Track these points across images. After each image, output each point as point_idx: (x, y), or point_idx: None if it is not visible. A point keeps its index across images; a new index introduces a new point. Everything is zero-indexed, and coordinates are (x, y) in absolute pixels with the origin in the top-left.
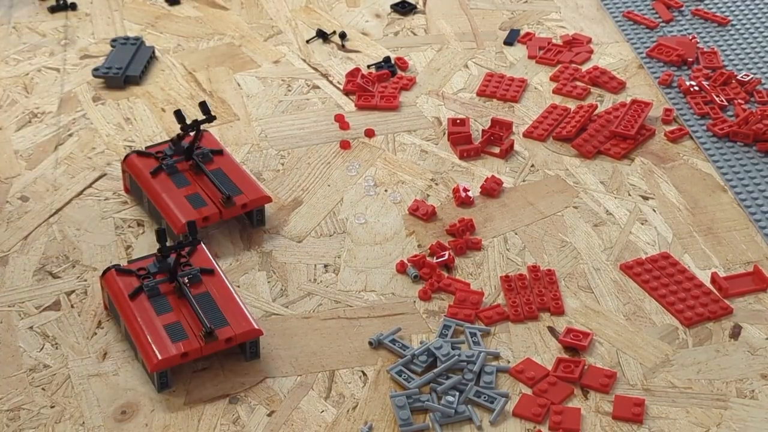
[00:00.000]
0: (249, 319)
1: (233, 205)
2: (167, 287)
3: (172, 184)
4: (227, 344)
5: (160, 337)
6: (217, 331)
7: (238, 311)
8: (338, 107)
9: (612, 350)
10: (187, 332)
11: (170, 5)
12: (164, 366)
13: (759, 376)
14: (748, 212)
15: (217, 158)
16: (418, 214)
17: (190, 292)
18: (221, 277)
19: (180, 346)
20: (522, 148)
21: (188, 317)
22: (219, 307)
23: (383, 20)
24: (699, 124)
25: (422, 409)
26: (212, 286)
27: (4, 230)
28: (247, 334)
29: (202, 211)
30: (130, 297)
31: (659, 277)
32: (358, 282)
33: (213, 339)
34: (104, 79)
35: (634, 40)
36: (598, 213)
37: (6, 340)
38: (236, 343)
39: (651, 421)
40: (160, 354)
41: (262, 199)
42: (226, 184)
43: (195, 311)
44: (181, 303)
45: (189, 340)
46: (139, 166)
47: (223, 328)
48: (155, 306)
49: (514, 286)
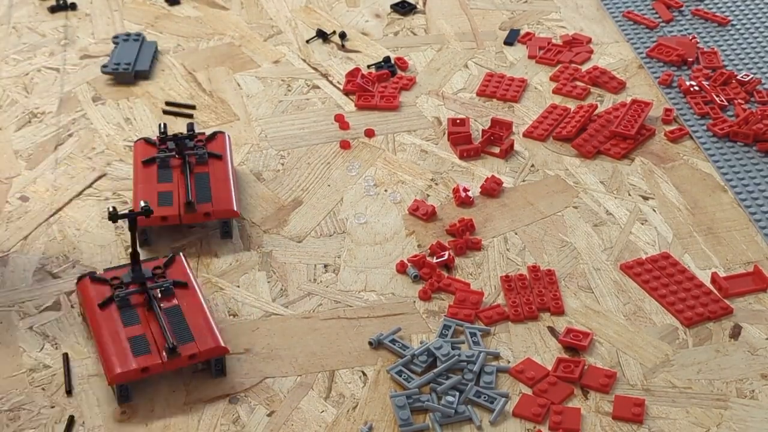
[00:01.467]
0: (216, 336)
1: (195, 213)
2: (138, 298)
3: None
4: (190, 360)
5: (123, 349)
6: (182, 347)
7: (206, 327)
8: (338, 107)
9: (612, 350)
10: (150, 346)
11: (170, 5)
12: (123, 380)
13: (759, 376)
14: (748, 212)
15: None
16: (418, 214)
17: (159, 305)
18: (195, 290)
19: (141, 361)
20: (522, 148)
21: (154, 331)
22: (187, 322)
23: (383, 20)
24: (699, 124)
25: (422, 409)
26: (184, 300)
27: (4, 230)
28: (212, 351)
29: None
30: (100, 306)
31: (659, 277)
32: (358, 282)
33: (175, 355)
34: (114, 75)
35: (634, 40)
36: (598, 213)
37: (6, 340)
38: (200, 360)
39: (651, 422)
40: (119, 367)
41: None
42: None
43: (160, 325)
44: (150, 315)
45: (151, 355)
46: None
47: (187, 344)
48: (123, 317)
49: (514, 286)
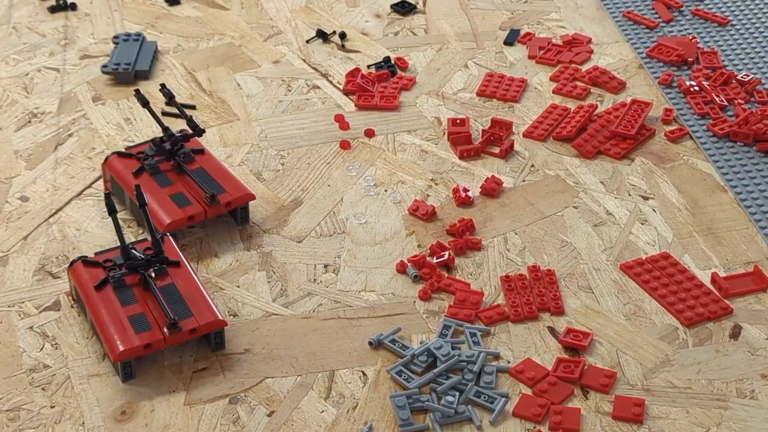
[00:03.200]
0: (213, 310)
1: (218, 204)
2: (133, 279)
3: (156, 184)
4: (191, 335)
5: (124, 328)
6: (182, 323)
7: (203, 302)
8: (338, 107)
9: (612, 350)
10: (150, 323)
11: (170, 5)
12: (127, 357)
13: (759, 376)
14: (748, 212)
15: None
16: (418, 214)
17: (154, 283)
18: (187, 268)
19: (143, 338)
20: (522, 148)
21: (153, 309)
22: (184, 299)
23: (383, 20)
24: (699, 124)
25: (422, 409)
26: (178, 278)
27: (4, 230)
28: (212, 325)
29: (187, 210)
30: (96, 288)
31: (659, 278)
32: (358, 282)
33: (177, 330)
34: (114, 75)
35: (634, 40)
36: (598, 213)
37: (6, 340)
38: (200, 334)
39: (651, 422)
40: (122, 345)
41: (246, 196)
42: (209, 183)
43: (159, 302)
44: (147, 295)
45: (152, 332)
46: (119, 168)
47: (187, 319)
48: (120, 297)
49: (514, 286)
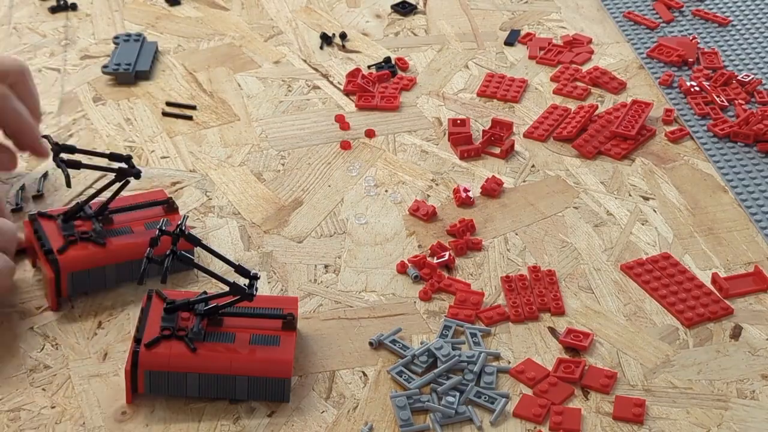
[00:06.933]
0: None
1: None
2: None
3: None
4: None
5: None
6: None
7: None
8: (339, 107)
9: (612, 351)
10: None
11: (170, 5)
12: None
13: (760, 376)
14: (749, 213)
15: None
16: (418, 214)
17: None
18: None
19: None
20: (522, 149)
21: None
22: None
23: (383, 20)
24: (699, 125)
25: (423, 410)
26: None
27: None
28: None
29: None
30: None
31: (660, 278)
32: (359, 282)
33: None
34: (115, 75)
35: (634, 41)
36: (598, 213)
37: (6, 341)
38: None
39: (651, 422)
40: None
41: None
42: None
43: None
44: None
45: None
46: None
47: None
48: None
49: (514, 286)
